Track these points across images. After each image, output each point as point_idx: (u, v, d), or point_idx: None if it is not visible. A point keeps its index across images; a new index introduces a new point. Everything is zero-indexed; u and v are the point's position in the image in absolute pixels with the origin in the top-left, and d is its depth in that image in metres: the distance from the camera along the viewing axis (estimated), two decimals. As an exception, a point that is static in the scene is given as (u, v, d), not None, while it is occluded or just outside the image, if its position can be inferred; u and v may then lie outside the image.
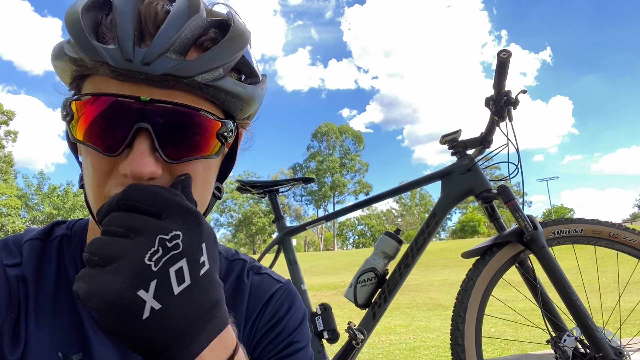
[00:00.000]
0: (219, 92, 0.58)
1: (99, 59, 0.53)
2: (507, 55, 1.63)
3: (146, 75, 0.53)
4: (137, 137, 0.54)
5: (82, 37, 0.54)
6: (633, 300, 2.51)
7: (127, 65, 0.53)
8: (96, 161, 0.57)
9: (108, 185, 0.56)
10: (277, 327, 0.74)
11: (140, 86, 0.54)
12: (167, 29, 0.55)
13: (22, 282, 0.63)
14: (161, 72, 0.53)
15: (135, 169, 0.53)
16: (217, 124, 0.60)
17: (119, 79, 0.54)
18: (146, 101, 0.54)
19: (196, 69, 0.55)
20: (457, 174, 1.85)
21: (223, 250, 0.81)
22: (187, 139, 0.58)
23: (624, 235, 1.66)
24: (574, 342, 1.61)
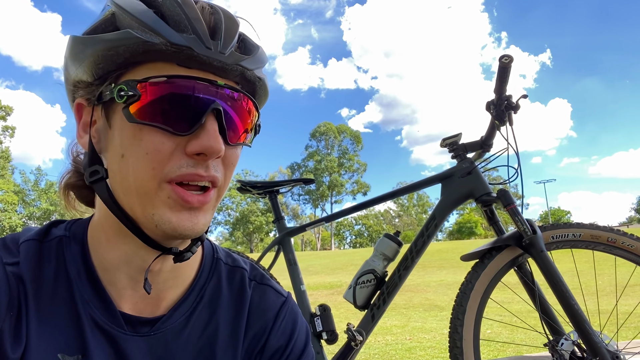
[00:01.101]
0: (262, 86, 0.68)
1: (183, 44, 0.58)
2: (509, 60, 1.64)
3: (222, 64, 0.60)
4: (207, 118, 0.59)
5: (160, 24, 0.58)
6: (629, 303, 2.53)
7: (207, 52, 0.59)
8: (159, 142, 0.58)
9: (169, 166, 0.59)
10: (285, 352, 0.76)
11: (207, 73, 0.61)
12: (230, 29, 0.63)
13: (20, 282, 0.62)
14: (234, 62, 0.61)
15: (212, 145, 0.58)
16: (257, 114, 0.68)
17: (186, 66, 0.59)
18: (221, 85, 0.61)
19: (256, 64, 0.65)
20: (457, 177, 1.86)
21: (223, 256, 0.81)
22: (241, 125, 0.65)
23: (622, 240, 1.67)
24: (571, 346, 1.63)
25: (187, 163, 0.59)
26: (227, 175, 0.65)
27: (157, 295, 0.69)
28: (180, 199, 0.59)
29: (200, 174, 0.60)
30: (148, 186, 0.59)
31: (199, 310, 0.73)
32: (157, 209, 0.60)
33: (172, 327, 0.70)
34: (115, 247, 0.66)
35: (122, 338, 0.66)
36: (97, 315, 0.65)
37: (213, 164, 0.61)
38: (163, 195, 0.59)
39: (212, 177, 0.61)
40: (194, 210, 0.61)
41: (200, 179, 0.60)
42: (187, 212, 0.61)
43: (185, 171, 0.59)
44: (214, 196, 0.64)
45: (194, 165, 0.59)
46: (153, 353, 0.68)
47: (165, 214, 0.60)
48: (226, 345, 0.73)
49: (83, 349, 0.63)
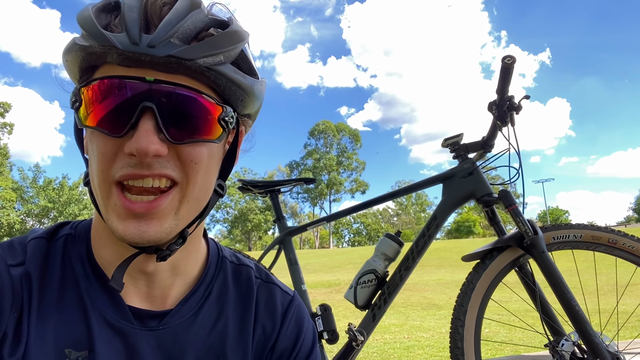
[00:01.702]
0: (220, 77, 0.61)
1: (107, 43, 0.56)
2: (512, 61, 1.64)
3: (151, 58, 0.56)
4: (142, 117, 0.57)
5: (93, 26, 0.58)
6: (628, 303, 2.54)
7: (133, 48, 0.56)
8: (102, 145, 0.58)
9: (113, 168, 0.58)
10: (294, 351, 0.77)
11: (145, 70, 0.58)
12: (170, 19, 0.59)
13: (26, 281, 0.63)
14: (165, 54, 0.56)
15: (140, 146, 0.56)
16: (218, 108, 0.62)
17: (125, 65, 0.57)
18: (151, 81, 0.57)
19: (199, 52, 0.59)
20: (459, 178, 1.86)
21: (228, 255, 0.81)
22: (190, 121, 0.60)
23: (622, 241, 1.67)
24: (571, 347, 1.63)
25: (127, 163, 0.58)
26: (190, 173, 0.61)
27: (161, 294, 0.70)
28: (122, 206, 0.58)
29: (141, 174, 0.58)
30: (102, 191, 0.60)
31: (207, 306, 0.73)
32: (109, 216, 0.60)
33: (181, 321, 0.70)
34: (109, 246, 0.67)
35: (131, 332, 0.66)
36: (104, 310, 0.65)
37: (159, 162, 0.58)
38: (112, 202, 0.59)
39: (158, 175, 0.58)
40: (142, 218, 0.59)
41: (143, 177, 0.58)
42: (133, 221, 0.59)
43: (125, 171, 0.58)
44: (174, 198, 0.61)
45: (135, 165, 0.58)
46: (162, 347, 0.68)
47: (114, 222, 0.59)
48: (236, 343, 0.73)
49: (91, 344, 0.63)
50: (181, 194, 0.61)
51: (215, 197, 0.70)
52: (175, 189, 0.61)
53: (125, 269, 0.63)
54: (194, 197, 0.63)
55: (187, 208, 0.63)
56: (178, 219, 0.62)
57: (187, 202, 0.62)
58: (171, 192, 0.60)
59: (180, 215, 0.62)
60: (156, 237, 0.59)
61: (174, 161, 0.60)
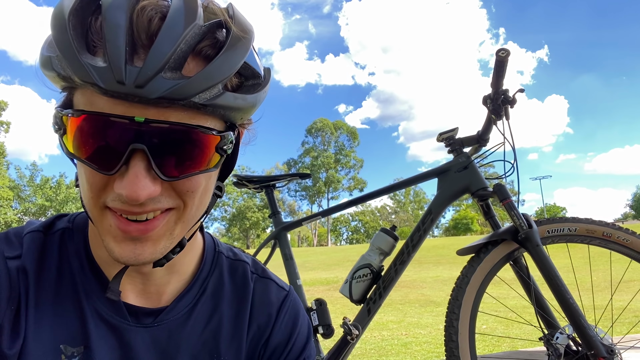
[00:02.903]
0: (217, 109, 0.55)
1: (89, 79, 0.49)
2: (506, 54, 1.63)
3: (140, 99, 0.50)
4: (132, 157, 0.52)
5: (70, 52, 0.50)
6: (623, 299, 2.54)
7: (118, 88, 0.49)
8: (90, 176, 0.55)
9: (104, 197, 0.56)
10: (288, 346, 0.76)
11: (134, 105, 0.51)
12: (161, 44, 0.50)
13: (22, 274, 0.62)
14: (155, 96, 0.50)
15: (130, 194, 0.52)
16: (216, 138, 0.57)
17: (110, 96, 0.51)
18: (140, 122, 0.51)
19: (193, 90, 0.51)
20: (454, 172, 1.85)
21: (224, 250, 0.81)
22: (185, 156, 0.55)
23: (617, 234, 1.68)
24: (566, 340, 1.63)
25: (119, 198, 0.54)
26: (187, 200, 0.58)
27: (156, 291, 0.69)
28: (119, 229, 0.56)
29: (133, 211, 0.55)
30: (94, 213, 0.57)
31: (202, 302, 0.73)
32: (105, 236, 0.58)
33: (176, 318, 0.70)
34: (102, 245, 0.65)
35: (126, 329, 0.66)
36: (100, 306, 0.65)
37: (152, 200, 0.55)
38: (106, 223, 0.57)
39: (151, 210, 0.56)
40: (137, 240, 0.57)
41: (135, 214, 0.55)
42: (130, 243, 0.57)
43: (117, 205, 0.55)
44: (170, 220, 0.59)
45: (126, 202, 0.54)
46: (157, 344, 0.68)
47: (109, 243, 0.57)
48: (230, 338, 0.73)
49: (86, 340, 0.63)
50: (177, 216, 0.59)
51: (214, 199, 0.68)
52: (171, 212, 0.59)
53: (121, 278, 0.63)
54: (190, 217, 0.61)
55: (182, 227, 0.61)
56: (172, 239, 0.60)
57: (183, 222, 0.60)
58: (166, 215, 0.58)
59: (174, 235, 0.60)
60: (150, 259, 0.58)
61: (168, 193, 0.57)
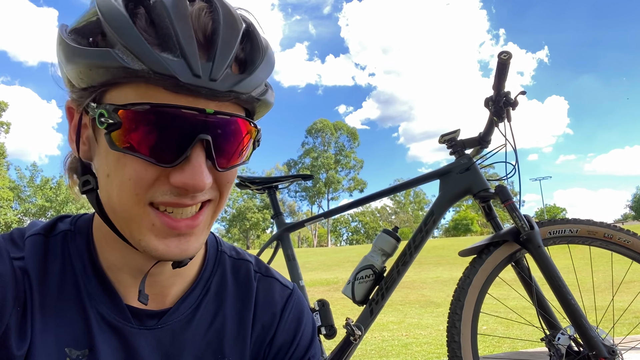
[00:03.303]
0: (262, 104, 0.62)
1: (167, 72, 0.52)
2: (508, 57, 1.64)
3: (213, 92, 0.54)
4: (194, 148, 0.55)
5: (143, 47, 0.52)
6: (624, 299, 2.55)
7: (193, 81, 0.52)
8: (142, 170, 0.55)
9: (150, 193, 0.56)
10: (293, 345, 0.77)
11: (197, 99, 0.54)
12: (226, 43, 0.56)
13: (26, 276, 0.62)
14: (227, 89, 0.55)
15: (196, 183, 0.55)
16: (255, 131, 0.63)
17: (174, 91, 0.53)
18: (210, 113, 0.55)
19: (252, 85, 0.58)
20: (456, 173, 1.86)
21: (227, 249, 0.81)
22: (235, 148, 0.60)
23: (618, 236, 1.68)
24: (567, 341, 1.64)
25: (170, 191, 0.56)
26: (224, 192, 0.62)
27: (161, 292, 0.70)
28: (166, 226, 0.57)
29: (185, 203, 0.57)
30: (133, 211, 0.57)
31: (205, 303, 0.73)
32: (143, 235, 0.58)
33: (179, 319, 0.70)
34: (114, 249, 0.66)
35: (130, 332, 0.66)
36: (103, 309, 0.65)
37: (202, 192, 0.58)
38: (148, 221, 0.57)
39: (199, 202, 0.59)
40: (183, 236, 0.59)
41: (187, 206, 0.58)
42: (175, 239, 0.58)
43: (169, 199, 0.56)
44: (209, 214, 0.62)
45: (178, 195, 0.56)
46: (161, 346, 0.68)
47: (151, 241, 0.58)
48: (234, 338, 0.73)
49: (90, 343, 0.63)
50: (213, 209, 0.63)
51: None
52: (209, 205, 0.62)
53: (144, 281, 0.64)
54: (221, 209, 0.65)
55: (214, 220, 0.65)
56: (208, 231, 0.64)
57: (215, 215, 0.64)
58: (206, 209, 0.61)
59: (210, 228, 0.65)
60: (194, 253, 0.61)
61: (213, 185, 0.60)
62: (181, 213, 0.58)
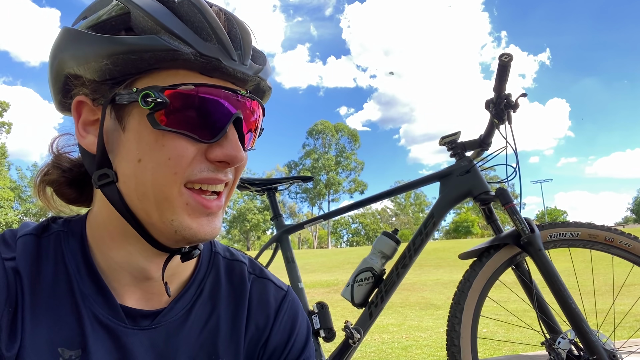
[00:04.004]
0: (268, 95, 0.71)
1: (212, 55, 0.59)
2: (509, 59, 1.64)
3: (244, 75, 0.62)
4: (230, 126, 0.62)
5: (187, 31, 0.59)
6: (624, 303, 2.54)
7: (232, 64, 0.61)
8: (183, 148, 0.59)
9: (190, 170, 0.60)
10: (287, 347, 0.77)
11: (227, 83, 0.62)
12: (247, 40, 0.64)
13: (17, 276, 0.62)
14: (254, 73, 0.64)
15: (236, 154, 0.62)
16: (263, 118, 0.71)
17: (209, 75, 0.60)
18: (243, 94, 0.63)
19: (269, 73, 0.68)
20: (456, 176, 1.86)
21: (221, 250, 0.81)
22: (253, 130, 0.68)
23: (619, 239, 1.67)
24: (568, 345, 1.63)
25: (207, 167, 0.61)
26: (237, 175, 0.68)
27: (158, 291, 0.70)
28: (200, 205, 0.62)
29: (220, 178, 0.63)
30: (168, 192, 0.60)
31: (199, 304, 0.73)
32: (176, 215, 0.61)
33: (173, 320, 0.70)
34: (120, 247, 0.66)
35: (123, 332, 0.66)
36: (97, 309, 0.65)
37: (230, 169, 0.65)
38: (182, 201, 0.61)
39: (228, 180, 0.65)
40: (212, 215, 0.64)
41: (220, 182, 0.64)
42: (205, 218, 0.63)
43: (206, 175, 0.61)
44: (226, 197, 0.67)
45: (214, 170, 0.62)
46: (155, 346, 0.67)
47: (185, 221, 0.61)
48: (228, 340, 0.73)
49: (83, 344, 0.63)
50: (228, 192, 0.67)
51: None
52: (227, 188, 0.67)
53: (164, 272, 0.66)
54: (232, 193, 0.69)
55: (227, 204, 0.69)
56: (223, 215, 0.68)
57: (229, 198, 0.69)
58: (224, 191, 0.66)
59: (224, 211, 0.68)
60: (218, 233, 0.65)
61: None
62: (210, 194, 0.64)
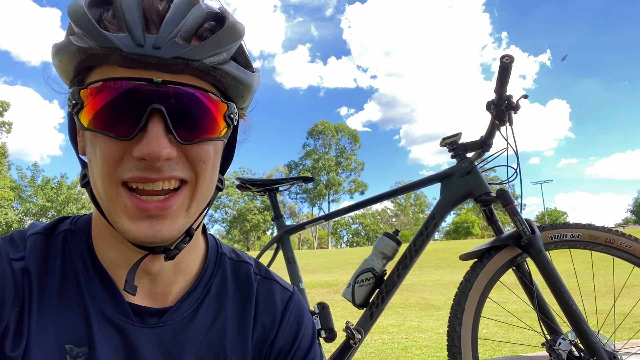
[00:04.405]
0: (225, 75, 0.61)
1: (111, 45, 0.54)
2: (510, 60, 1.64)
3: (158, 60, 0.55)
4: (150, 119, 0.56)
5: (91, 26, 0.55)
6: (625, 304, 2.54)
7: (138, 50, 0.55)
8: (107, 148, 0.57)
9: (120, 171, 0.57)
10: (293, 347, 0.78)
11: (150, 71, 0.56)
12: (173, 16, 0.57)
13: (26, 275, 0.63)
14: (172, 56, 0.55)
15: (152, 151, 0.55)
16: (224, 105, 0.62)
17: (128, 66, 0.56)
18: (158, 83, 0.56)
19: (204, 52, 0.58)
20: (457, 177, 1.86)
21: (227, 251, 0.81)
22: (198, 120, 0.60)
23: (620, 241, 1.68)
24: (568, 346, 1.63)
25: (135, 166, 0.57)
26: (200, 171, 0.61)
27: (162, 291, 0.70)
28: (135, 207, 0.58)
29: (151, 177, 0.57)
30: (109, 193, 0.59)
31: (206, 304, 0.73)
32: (119, 217, 0.59)
33: (180, 318, 0.70)
34: (112, 246, 0.66)
35: (130, 329, 0.66)
36: (104, 307, 0.66)
37: (168, 165, 0.58)
38: (121, 203, 0.58)
39: (168, 178, 0.58)
40: (155, 218, 0.59)
41: (152, 181, 0.58)
42: (146, 221, 0.59)
43: (134, 174, 0.57)
44: (185, 196, 0.62)
45: (143, 169, 0.57)
46: (161, 344, 0.68)
47: (125, 223, 0.59)
48: (236, 339, 0.73)
49: (91, 341, 0.63)
50: (191, 191, 0.62)
51: (216, 191, 0.70)
52: (186, 187, 0.61)
53: (135, 272, 0.64)
54: (203, 194, 0.64)
55: (196, 205, 0.64)
56: (189, 217, 0.63)
57: (197, 200, 0.63)
58: (182, 191, 0.61)
59: (190, 213, 0.63)
60: (169, 237, 0.60)
61: (182, 162, 0.60)
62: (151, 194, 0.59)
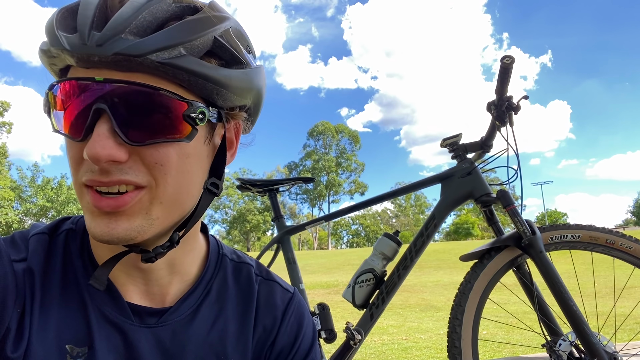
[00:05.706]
0: (178, 71, 0.55)
1: (60, 45, 0.54)
2: (511, 61, 1.64)
3: (99, 57, 0.53)
4: (98, 120, 0.54)
5: (50, 28, 0.56)
6: (625, 305, 2.54)
7: (83, 49, 0.53)
8: (69, 149, 0.58)
9: (80, 171, 0.57)
10: (293, 349, 0.77)
11: (100, 70, 0.55)
12: (123, 13, 0.54)
13: (28, 276, 0.63)
14: (112, 52, 0.52)
15: (91, 151, 0.53)
16: (182, 104, 0.57)
17: (82, 66, 0.55)
18: (100, 81, 0.54)
19: (149, 46, 0.53)
20: (457, 178, 1.86)
21: (228, 252, 0.81)
22: (149, 120, 0.56)
23: (620, 242, 1.68)
24: (569, 347, 1.63)
25: (90, 168, 0.55)
26: (158, 175, 0.57)
27: (159, 291, 0.70)
28: (92, 204, 0.57)
29: (100, 180, 0.55)
30: (76, 192, 0.60)
31: (207, 304, 0.73)
32: (85, 215, 0.59)
33: (180, 319, 0.70)
34: (103, 245, 0.66)
35: (130, 329, 0.66)
36: (104, 307, 0.65)
37: (119, 168, 0.55)
38: (85, 200, 0.58)
39: (117, 182, 0.55)
40: (112, 215, 0.57)
41: (102, 184, 0.55)
42: (104, 217, 0.57)
43: (88, 177, 0.56)
44: (143, 198, 0.58)
45: (95, 171, 0.55)
46: (161, 345, 0.68)
47: (87, 220, 0.58)
48: (237, 340, 0.73)
49: (90, 341, 0.63)
50: (150, 195, 0.58)
51: (208, 196, 0.66)
52: (143, 190, 0.58)
53: (110, 268, 0.62)
54: (168, 199, 0.59)
55: (162, 210, 0.59)
56: (151, 220, 0.59)
57: (160, 204, 0.59)
58: (139, 193, 0.57)
59: (153, 217, 0.59)
60: (125, 235, 0.57)
61: (137, 166, 0.56)
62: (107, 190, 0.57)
